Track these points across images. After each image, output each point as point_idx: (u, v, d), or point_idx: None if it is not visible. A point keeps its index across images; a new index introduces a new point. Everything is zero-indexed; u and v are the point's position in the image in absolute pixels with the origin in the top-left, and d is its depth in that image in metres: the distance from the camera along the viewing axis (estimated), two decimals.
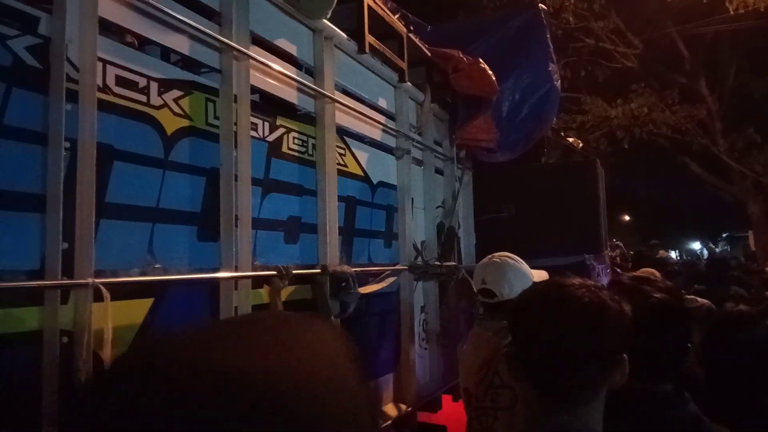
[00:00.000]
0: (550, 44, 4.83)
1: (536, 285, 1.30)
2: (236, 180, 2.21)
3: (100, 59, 1.73)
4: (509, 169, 4.85)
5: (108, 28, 1.83)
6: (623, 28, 11.95)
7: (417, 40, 3.88)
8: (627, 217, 26.41)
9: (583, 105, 12.67)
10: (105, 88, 1.75)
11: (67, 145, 1.61)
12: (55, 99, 1.60)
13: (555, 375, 1.10)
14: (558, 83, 4.84)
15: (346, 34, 3.03)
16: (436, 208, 4.21)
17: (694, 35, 11.97)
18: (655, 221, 22.85)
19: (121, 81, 1.81)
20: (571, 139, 6.32)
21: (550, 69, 4.74)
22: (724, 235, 27.80)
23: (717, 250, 26.27)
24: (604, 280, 4.86)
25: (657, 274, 4.68)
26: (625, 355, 1.13)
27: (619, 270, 7.59)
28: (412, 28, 4.00)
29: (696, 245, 30.70)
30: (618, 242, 11.50)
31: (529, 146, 4.84)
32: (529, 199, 4.85)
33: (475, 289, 2.47)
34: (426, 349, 3.90)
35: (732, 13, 9.43)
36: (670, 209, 22.11)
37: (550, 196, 4.82)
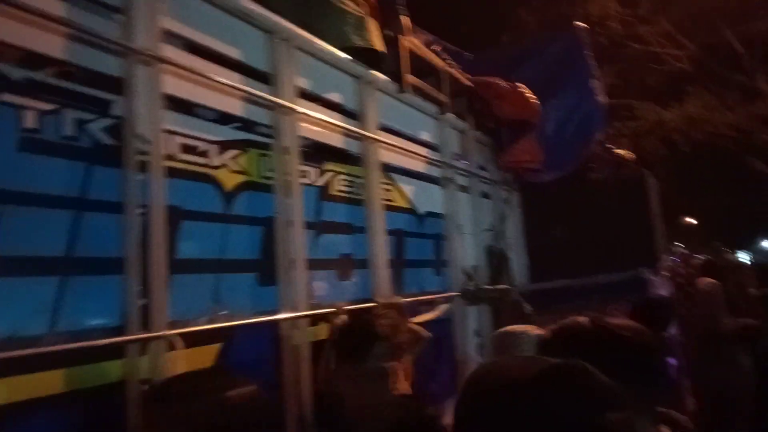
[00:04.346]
0: (591, 61, 4.84)
1: None
2: (290, 225, 2.38)
3: (165, 131, 1.93)
4: (557, 188, 4.85)
5: (170, 101, 2.03)
6: (672, 32, 11.66)
7: (456, 72, 3.99)
8: (692, 221, 25.39)
9: (634, 110, 12.39)
10: (170, 156, 1.96)
11: (140, 210, 1.81)
12: (128, 171, 1.80)
13: None
14: (602, 98, 4.84)
15: (387, 75, 3.18)
16: (484, 231, 4.27)
17: (748, 31, 11.54)
18: (722, 223, 21.88)
19: (184, 148, 2.01)
20: (622, 152, 6.22)
21: (592, 86, 4.75)
22: None
23: None
24: (663, 292, 4.78)
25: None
26: None
27: (681, 279, 7.36)
28: (451, 60, 4.11)
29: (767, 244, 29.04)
30: (680, 246, 11.10)
31: (577, 164, 4.84)
32: (579, 217, 4.82)
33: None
34: None
35: None
36: (738, 210, 21.15)
37: (601, 213, 4.78)
